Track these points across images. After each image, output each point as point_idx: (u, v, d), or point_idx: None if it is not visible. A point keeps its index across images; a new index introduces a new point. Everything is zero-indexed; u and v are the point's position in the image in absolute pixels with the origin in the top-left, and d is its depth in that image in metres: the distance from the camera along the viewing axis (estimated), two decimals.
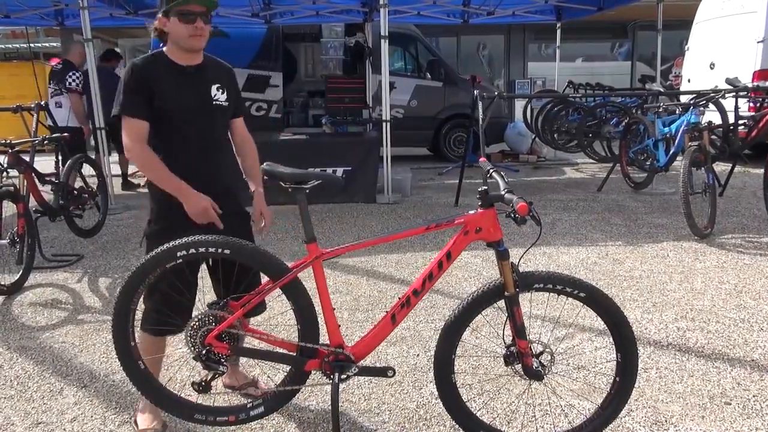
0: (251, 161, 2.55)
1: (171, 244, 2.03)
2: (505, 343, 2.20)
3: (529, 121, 9.06)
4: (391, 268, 4.46)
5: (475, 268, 4.37)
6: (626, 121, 7.31)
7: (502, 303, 2.09)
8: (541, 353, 2.17)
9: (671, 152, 5.53)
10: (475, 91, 5.46)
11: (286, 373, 2.20)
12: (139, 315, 2.15)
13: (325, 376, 2.13)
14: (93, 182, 5.75)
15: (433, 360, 2.17)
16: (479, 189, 2.05)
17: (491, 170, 2.21)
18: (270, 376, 2.67)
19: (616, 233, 5.25)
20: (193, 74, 2.31)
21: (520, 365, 2.15)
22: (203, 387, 2.11)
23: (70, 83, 6.61)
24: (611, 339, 2.15)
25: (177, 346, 3.11)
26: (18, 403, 2.69)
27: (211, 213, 2.21)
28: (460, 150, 9.62)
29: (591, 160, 8.94)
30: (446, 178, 8.33)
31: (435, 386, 2.19)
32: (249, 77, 9.09)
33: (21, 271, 4.17)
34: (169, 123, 2.26)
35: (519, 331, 2.08)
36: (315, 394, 2.66)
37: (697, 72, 9.44)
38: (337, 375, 2.06)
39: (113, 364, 2.99)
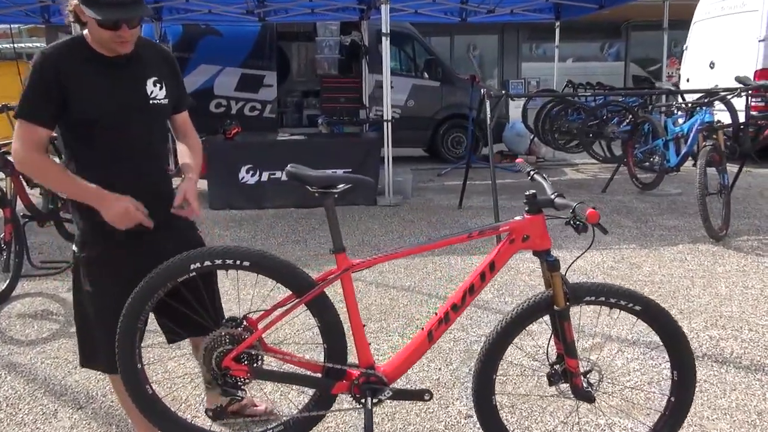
0: (193, 160, 2.06)
1: (183, 255, 1.82)
2: (549, 360, 2.02)
3: (528, 121, 8.91)
4: (401, 274, 4.26)
5: None
6: (631, 120, 7.19)
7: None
8: (589, 371, 1.99)
9: (683, 152, 5.40)
10: (482, 90, 5.28)
11: (310, 397, 1.99)
12: (147, 336, 1.93)
13: (354, 400, 1.93)
14: None
15: (473, 381, 1.97)
16: (526, 193, 1.86)
17: (532, 172, 2.03)
18: (290, 398, 2.46)
19: (628, 236, 5.10)
20: (123, 67, 1.85)
21: (567, 385, 1.96)
22: (219, 413, 1.90)
23: None
24: (666, 355, 1.98)
25: (181, 362, 2.89)
26: (8, 428, 2.45)
27: (135, 213, 1.82)
28: (458, 151, 9.45)
29: (591, 161, 8.81)
30: (446, 179, 8.15)
31: (474, 409, 2.00)
32: (242, 76, 8.85)
33: (8, 280, 3.92)
34: (90, 128, 1.82)
35: (569, 348, 1.89)
36: (341, 419, 2.46)
37: (696, 71, 9.35)
38: (369, 399, 1.85)
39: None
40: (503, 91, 5.59)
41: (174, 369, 2.88)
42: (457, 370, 2.87)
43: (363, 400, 1.90)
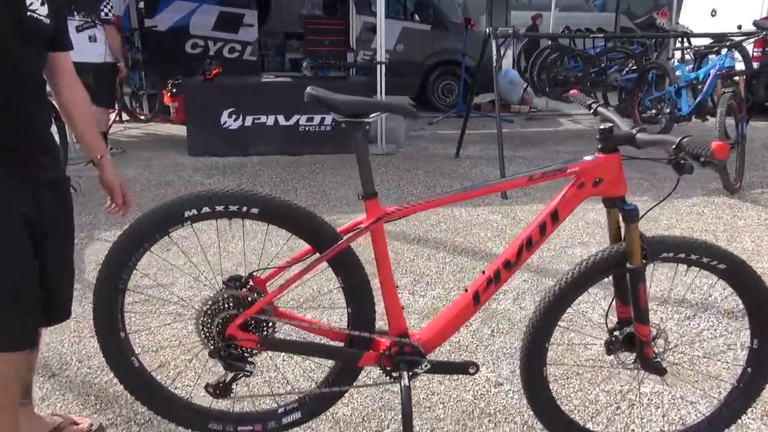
0: (84, 115, 1.68)
1: (176, 199, 1.45)
2: (608, 326, 1.73)
3: (522, 69, 8.50)
4: (402, 226, 3.93)
5: (497, 226, 3.89)
6: (635, 67, 6.85)
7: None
8: (655, 338, 1.70)
9: (697, 100, 5.09)
10: (487, 29, 4.86)
11: (329, 370, 1.67)
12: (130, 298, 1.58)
13: (384, 373, 1.61)
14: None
15: (522, 350, 1.67)
16: (600, 128, 1.52)
17: (594, 105, 1.69)
18: (306, 371, 2.15)
19: (638, 188, 4.83)
20: None
21: (628, 354, 1.68)
22: (220, 390, 1.57)
23: (106, 13, 5.50)
24: (746, 322, 1.69)
25: (175, 328, 2.55)
26: None
27: None
28: (449, 99, 9.02)
29: (586, 111, 8.49)
30: (438, 128, 7.76)
31: (522, 381, 1.71)
32: (220, 15, 8.20)
33: None
34: None
35: (641, 314, 1.59)
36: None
37: (696, 19, 8.98)
38: (406, 374, 1.54)
39: (88, 346, 2.42)
40: (511, 29, 5.15)
41: (167, 337, 2.54)
42: (478, 331, 2.58)
43: (395, 374, 1.59)
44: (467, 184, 4.99)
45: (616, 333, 1.70)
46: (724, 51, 4.83)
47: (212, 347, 1.52)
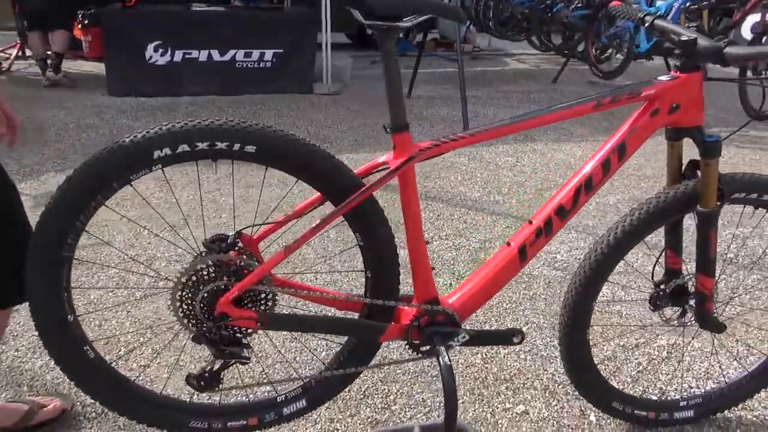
0: None
1: (141, 135, 1.06)
2: (653, 279, 1.50)
3: (465, 6, 8.13)
4: (451, 171, 3.58)
5: (467, 169, 3.62)
6: (580, 3, 6.65)
7: None
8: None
9: (657, 36, 4.93)
10: None
11: (341, 348, 1.36)
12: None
13: (411, 348, 1.31)
14: None
15: (565, 309, 1.42)
16: (678, 39, 1.23)
17: (648, 17, 1.40)
18: (310, 348, 1.82)
19: (599, 127, 4.68)
20: None
21: (674, 310, 1.47)
22: (206, 381, 1.23)
23: None
24: None
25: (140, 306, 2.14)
26: None
27: None
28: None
29: (530, 51, 8.30)
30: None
31: (560, 342, 1.47)
32: None
33: None
34: None
35: (709, 265, 1.37)
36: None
37: None
38: (444, 350, 1.24)
39: (12, 323, 1.98)
40: None
41: (132, 317, 2.13)
42: None
43: (424, 348, 1.30)
44: (425, 124, 4.68)
45: (662, 287, 1.48)
46: None
47: (197, 329, 1.17)
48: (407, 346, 1.31)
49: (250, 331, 1.22)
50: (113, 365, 1.26)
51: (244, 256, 1.21)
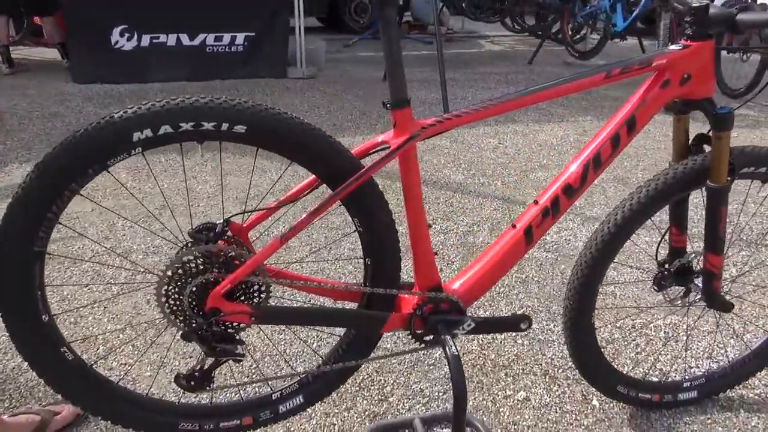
0: None
1: (120, 115, 0.96)
2: (657, 259, 1.46)
3: None
4: (434, 154, 3.49)
5: (449, 152, 3.55)
6: None
7: None
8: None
9: (634, 14, 4.92)
10: None
11: (339, 340, 1.28)
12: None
13: (414, 338, 1.25)
14: None
15: (569, 294, 1.37)
16: (689, 6, 1.17)
17: None
18: (307, 341, 1.73)
19: (578, 107, 4.67)
20: None
21: (680, 289, 1.43)
22: (197, 381, 1.14)
23: None
24: None
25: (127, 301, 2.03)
26: None
27: None
28: (363, 19, 8.39)
29: (504, 32, 8.27)
30: (355, 50, 7.20)
31: (565, 328, 1.42)
32: None
33: None
34: None
35: (718, 243, 1.32)
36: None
37: None
38: (450, 339, 1.18)
39: None
40: None
41: (112, 313, 2.02)
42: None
43: (428, 338, 1.23)
44: None
45: (667, 266, 1.44)
46: None
47: (186, 327, 1.08)
48: (409, 336, 1.24)
49: (242, 325, 1.13)
50: (94, 367, 1.16)
51: (235, 246, 1.12)
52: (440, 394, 1.63)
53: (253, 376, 1.63)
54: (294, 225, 1.06)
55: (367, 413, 1.56)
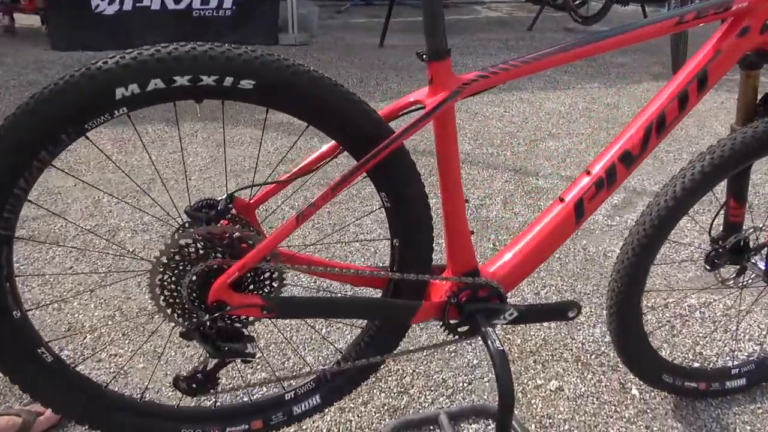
0: None
1: (95, 65, 0.77)
2: (711, 234, 1.31)
3: None
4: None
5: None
6: None
7: None
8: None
9: None
10: None
11: (360, 332, 1.12)
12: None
13: (447, 329, 1.09)
14: None
15: (615, 272, 1.22)
16: None
17: None
18: (320, 331, 1.57)
19: (584, 74, 4.48)
20: None
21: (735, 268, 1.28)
22: (201, 383, 0.98)
23: None
24: None
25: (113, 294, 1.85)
26: None
27: None
28: None
29: None
30: (347, 16, 6.92)
31: (609, 312, 1.27)
32: None
33: None
34: None
35: None
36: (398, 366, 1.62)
37: None
38: (491, 330, 1.02)
39: None
40: None
41: (97, 307, 1.84)
42: (477, 245, 2.12)
43: (462, 329, 1.08)
44: (401, 75, 4.38)
45: (720, 243, 1.29)
46: None
47: (187, 323, 0.91)
48: (442, 327, 1.08)
49: (251, 319, 0.97)
50: (78, 369, 1.00)
51: (240, 226, 0.95)
52: (464, 384, 1.49)
53: (263, 372, 1.47)
54: (314, 201, 0.89)
55: (386, 407, 1.41)
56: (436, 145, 0.98)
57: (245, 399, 1.23)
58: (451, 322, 1.07)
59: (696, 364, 1.56)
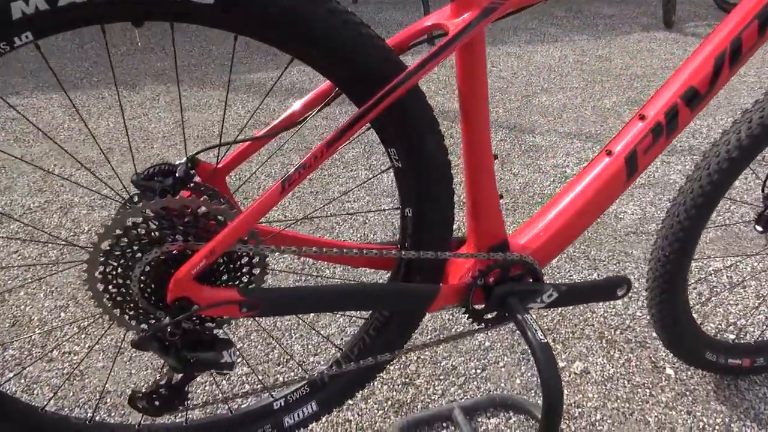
0: None
1: None
2: (764, 191, 1.12)
3: None
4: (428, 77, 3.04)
5: (438, 77, 3.12)
6: None
7: None
8: None
9: None
10: None
11: (363, 324, 0.91)
12: None
13: (472, 318, 0.88)
14: None
15: (662, 238, 1.02)
16: None
17: None
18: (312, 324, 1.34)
19: (571, 27, 4.25)
20: None
21: None
22: (165, 400, 0.76)
23: None
24: None
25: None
26: None
27: None
28: None
29: None
30: None
31: (652, 288, 1.09)
32: None
33: None
34: None
35: None
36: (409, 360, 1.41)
37: None
38: (530, 318, 0.82)
39: None
40: None
41: (25, 311, 1.59)
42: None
43: (489, 315, 0.87)
44: (378, 29, 4.09)
45: None
46: None
47: (141, 329, 0.69)
48: (465, 314, 0.88)
49: (227, 318, 0.75)
50: (8, 391, 0.77)
51: (207, 198, 0.72)
52: (478, 371, 1.30)
53: (244, 366, 1.26)
54: (304, 161, 0.66)
55: (390, 402, 1.21)
56: (459, 84, 0.75)
57: (224, 411, 1.02)
58: (476, 307, 0.87)
59: (731, 336, 1.39)
